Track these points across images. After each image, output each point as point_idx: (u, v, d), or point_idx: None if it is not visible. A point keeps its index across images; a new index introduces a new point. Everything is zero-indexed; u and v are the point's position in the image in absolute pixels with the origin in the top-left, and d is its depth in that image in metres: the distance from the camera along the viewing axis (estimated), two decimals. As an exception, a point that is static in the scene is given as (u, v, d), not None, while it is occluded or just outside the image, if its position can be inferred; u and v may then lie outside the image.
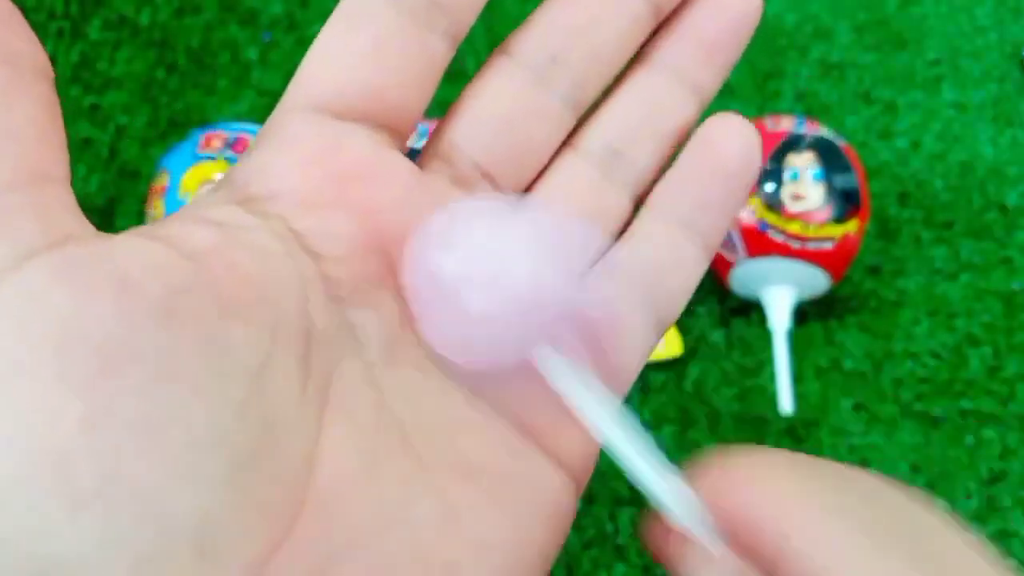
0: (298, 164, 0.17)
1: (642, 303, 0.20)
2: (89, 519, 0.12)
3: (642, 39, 0.20)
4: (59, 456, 0.12)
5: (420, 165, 0.19)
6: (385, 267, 0.17)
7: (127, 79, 0.50)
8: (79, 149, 0.47)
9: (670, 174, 0.20)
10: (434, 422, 0.17)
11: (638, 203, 0.20)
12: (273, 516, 0.14)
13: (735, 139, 0.20)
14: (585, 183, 0.20)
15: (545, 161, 0.20)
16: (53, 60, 0.49)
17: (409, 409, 0.16)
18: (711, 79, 0.20)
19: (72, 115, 0.48)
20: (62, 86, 0.49)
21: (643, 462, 0.15)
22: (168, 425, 0.13)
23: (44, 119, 0.15)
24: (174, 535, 0.13)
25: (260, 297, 0.15)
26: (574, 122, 0.20)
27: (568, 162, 0.20)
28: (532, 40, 0.19)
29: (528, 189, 0.20)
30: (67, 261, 0.14)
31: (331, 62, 0.18)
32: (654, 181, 0.20)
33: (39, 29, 0.50)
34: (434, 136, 0.19)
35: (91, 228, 0.15)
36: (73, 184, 0.15)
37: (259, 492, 0.14)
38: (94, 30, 0.51)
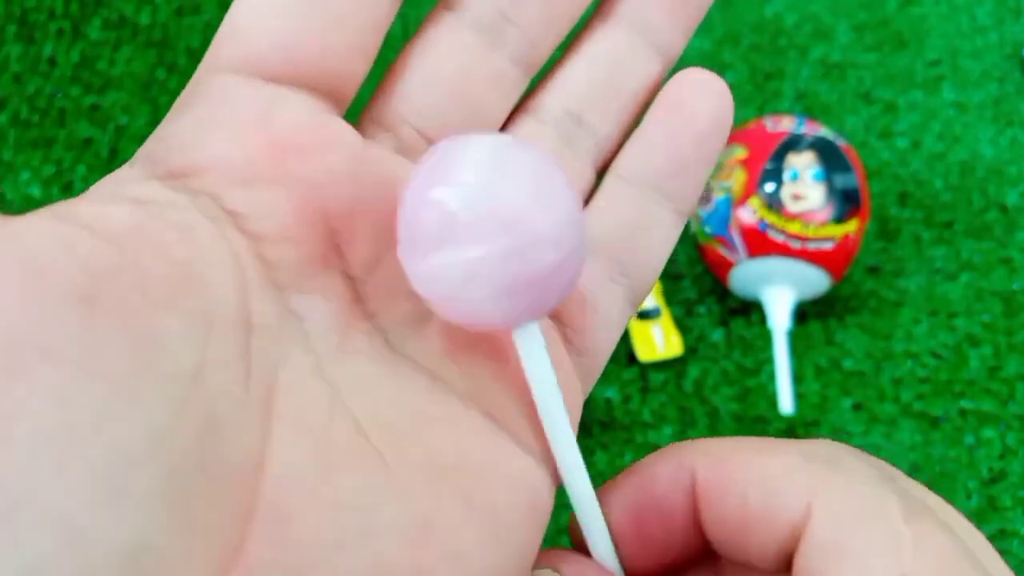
0: (227, 133, 0.15)
1: (614, 276, 0.18)
2: None
3: None
4: None
5: (360, 133, 0.17)
6: (330, 246, 0.15)
7: (127, 79, 0.49)
8: (79, 149, 0.47)
9: (637, 137, 0.19)
10: (394, 416, 0.15)
11: (601, 170, 0.19)
12: (218, 535, 0.12)
13: (705, 96, 0.18)
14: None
15: (497, 128, 0.18)
16: (53, 60, 0.49)
17: (365, 404, 0.15)
18: (676, 35, 0.19)
19: (72, 115, 0.48)
20: (62, 86, 0.49)
21: (579, 471, 0.16)
22: (89, 435, 0.11)
23: None
24: (101, 566, 0.11)
25: (192, 284, 0.13)
26: (527, 83, 0.18)
27: (525, 129, 0.18)
28: None
29: None
30: None
31: (261, 16, 0.16)
32: (618, 146, 0.19)
33: (39, 29, 0.50)
34: (374, 101, 0.18)
35: None
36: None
37: (200, 509, 0.12)
38: (94, 30, 0.51)
